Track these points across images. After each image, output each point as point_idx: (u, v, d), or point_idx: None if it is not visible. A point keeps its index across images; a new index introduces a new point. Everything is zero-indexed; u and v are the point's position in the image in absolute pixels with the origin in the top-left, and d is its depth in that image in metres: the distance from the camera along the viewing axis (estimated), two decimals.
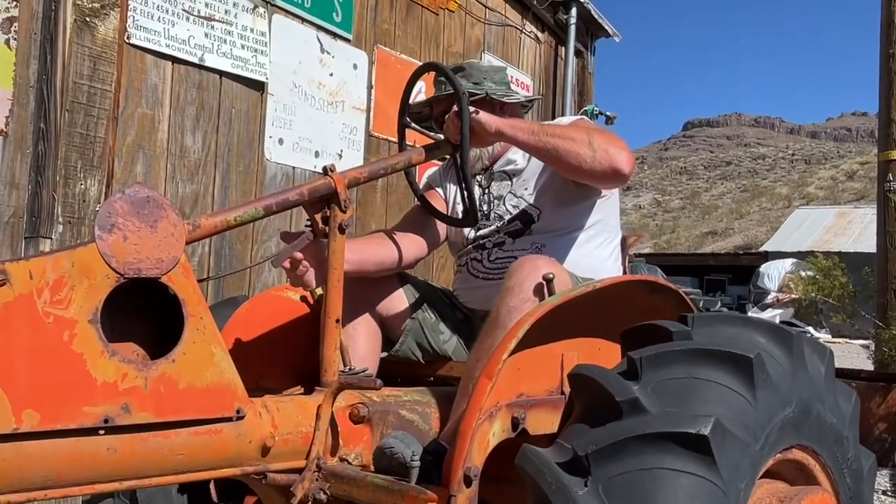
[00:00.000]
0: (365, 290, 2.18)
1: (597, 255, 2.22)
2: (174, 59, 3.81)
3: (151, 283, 1.46)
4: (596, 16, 6.97)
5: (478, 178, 2.34)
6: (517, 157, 2.29)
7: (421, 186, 2.45)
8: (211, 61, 3.97)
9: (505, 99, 2.31)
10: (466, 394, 1.76)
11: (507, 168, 2.31)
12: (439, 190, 2.45)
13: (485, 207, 2.30)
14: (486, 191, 2.33)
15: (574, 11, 6.66)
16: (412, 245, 2.26)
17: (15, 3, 3.23)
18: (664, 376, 1.45)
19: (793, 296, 21.07)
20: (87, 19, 3.40)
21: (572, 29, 6.70)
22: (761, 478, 1.56)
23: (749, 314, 20.12)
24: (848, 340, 18.13)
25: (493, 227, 2.27)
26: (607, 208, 2.28)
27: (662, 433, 1.34)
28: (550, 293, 1.80)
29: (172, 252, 1.47)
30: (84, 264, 1.38)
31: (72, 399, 1.34)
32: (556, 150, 2.02)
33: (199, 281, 1.59)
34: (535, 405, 1.71)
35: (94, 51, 3.44)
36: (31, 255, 1.39)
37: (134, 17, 3.62)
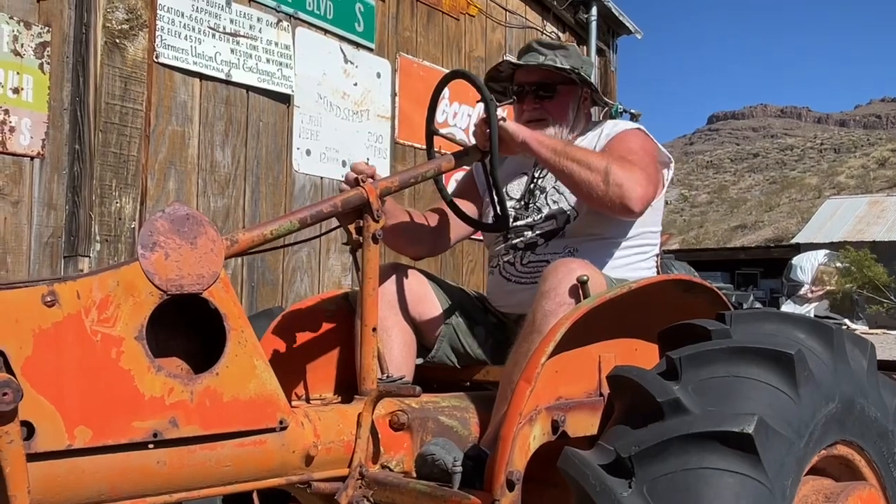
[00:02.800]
0: (398, 296, 2.20)
1: (631, 260, 2.21)
2: (202, 76, 3.88)
3: (193, 299, 1.49)
4: (617, 13, 6.94)
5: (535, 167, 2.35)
6: None
7: (458, 182, 2.53)
8: (237, 76, 4.03)
9: (597, 96, 2.37)
10: (506, 399, 1.77)
11: None
12: (478, 183, 2.45)
13: (527, 197, 2.32)
14: (535, 179, 2.33)
15: (595, 10, 6.64)
16: (444, 231, 2.38)
17: (47, 28, 3.31)
18: (705, 375, 1.45)
19: (827, 288, 20.75)
20: (117, 41, 3.47)
21: (593, 28, 6.68)
22: (807, 474, 1.54)
23: (783, 308, 19.86)
24: (886, 331, 17.81)
25: (528, 220, 2.28)
26: (649, 218, 2.23)
27: (706, 433, 1.33)
28: (585, 296, 1.80)
29: (212, 267, 1.49)
30: (128, 282, 1.41)
31: (122, 414, 1.37)
32: (570, 175, 2.04)
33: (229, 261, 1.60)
34: (574, 407, 1.71)
35: (125, 71, 3.51)
36: (77, 276, 1.42)
37: (162, 36, 3.69)
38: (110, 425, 1.36)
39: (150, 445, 1.40)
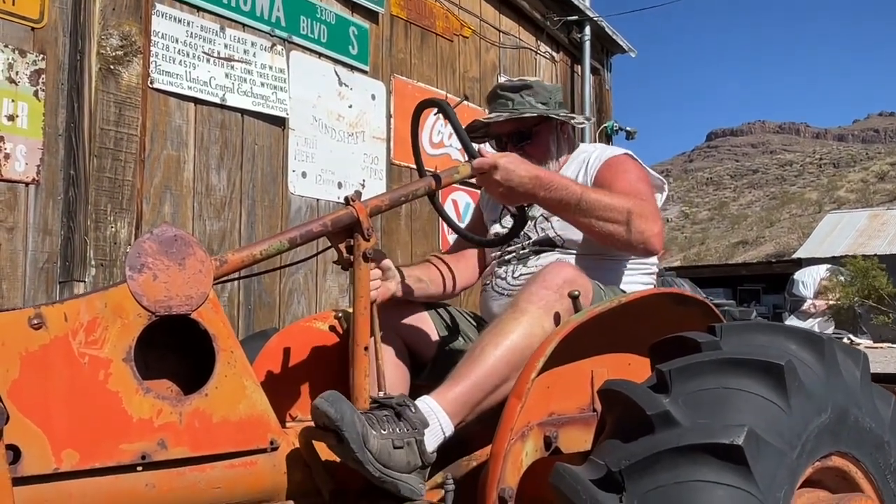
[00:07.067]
0: (393, 317, 2.20)
1: (623, 275, 2.22)
2: (196, 101, 3.90)
3: (182, 320, 1.48)
4: (610, 32, 7.00)
5: None
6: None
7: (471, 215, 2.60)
8: (232, 100, 4.05)
9: (572, 122, 2.37)
10: (473, 357, 1.78)
11: None
12: (484, 213, 2.53)
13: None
14: (524, 206, 2.35)
15: (588, 30, 6.70)
16: (465, 270, 2.41)
17: (42, 55, 3.34)
18: (694, 388, 1.44)
19: (830, 301, 20.67)
20: (112, 67, 3.50)
21: (587, 47, 6.73)
22: (802, 487, 1.53)
23: (787, 323, 19.75)
24: (890, 345, 17.71)
25: (515, 245, 2.30)
26: None
27: (696, 445, 1.33)
28: (576, 310, 1.80)
29: (201, 288, 1.50)
30: (116, 304, 1.41)
31: (109, 437, 1.37)
32: (590, 227, 2.02)
33: (225, 280, 1.61)
34: (567, 423, 1.70)
35: (119, 97, 3.53)
36: (65, 298, 1.43)
37: (156, 62, 3.72)
38: (98, 448, 1.35)
39: (139, 468, 1.40)
